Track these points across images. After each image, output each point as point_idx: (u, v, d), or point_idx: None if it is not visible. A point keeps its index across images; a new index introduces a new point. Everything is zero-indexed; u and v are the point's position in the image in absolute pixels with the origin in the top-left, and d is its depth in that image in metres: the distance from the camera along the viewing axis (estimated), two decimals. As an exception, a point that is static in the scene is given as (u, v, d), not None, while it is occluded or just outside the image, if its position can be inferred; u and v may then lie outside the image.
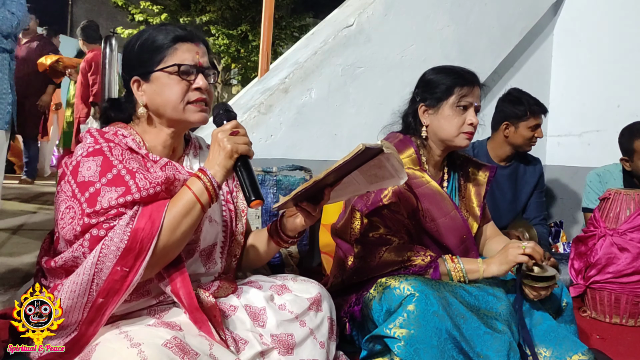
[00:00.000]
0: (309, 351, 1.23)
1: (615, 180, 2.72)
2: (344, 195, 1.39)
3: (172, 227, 1.09)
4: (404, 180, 1.31)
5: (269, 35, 3.21)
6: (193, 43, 1.24)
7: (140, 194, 1.09)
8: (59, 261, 1.12)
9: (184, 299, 1.13)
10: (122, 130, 1.23)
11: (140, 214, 1.08)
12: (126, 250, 1.05)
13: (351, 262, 1.63)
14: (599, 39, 3.48)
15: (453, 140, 1.65)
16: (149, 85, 1.23)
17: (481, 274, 1.53)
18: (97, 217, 1.08)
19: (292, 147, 2.74)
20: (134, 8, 12.12)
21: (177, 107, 1.22)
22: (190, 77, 1.22)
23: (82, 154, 1.15)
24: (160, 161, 1.23)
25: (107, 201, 1.08)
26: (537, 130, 2.55)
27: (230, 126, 1.16)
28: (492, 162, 2.61)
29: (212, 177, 1.13)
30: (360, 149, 1.13)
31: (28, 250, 2.44)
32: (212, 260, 1.32)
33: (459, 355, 1.35)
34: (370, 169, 1.28)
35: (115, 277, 1.05)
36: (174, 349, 1.03)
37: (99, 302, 1.06)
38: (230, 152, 1.12)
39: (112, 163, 1.13)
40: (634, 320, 2.17)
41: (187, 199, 1.12)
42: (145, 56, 1.23)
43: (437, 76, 1.68)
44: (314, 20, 10.88)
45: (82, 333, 1.08)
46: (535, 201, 2.75)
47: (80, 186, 1.11)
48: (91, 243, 1.08)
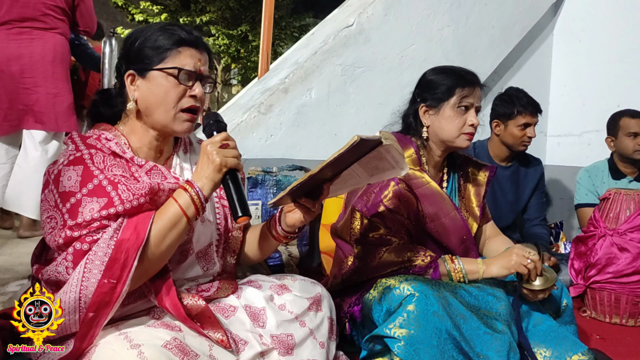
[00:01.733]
0: (309, 351, 1.23)
1: (603, 173, 2.81)
2: (345, 188, 1.36)
3: (157, 239, 1.08)
4: (405, 171, 1.27)
5: (269, 35, 3.21)
6: (197, 49, 1.22)
7: (124, 206, 1.08)
8: (45, 275, 1.11)
9: (171, 311, 1.12)
10: (105, 134, 1.21)
11: (125, 225, 1.07)
12: (111, 261, 1.03)
13: (351, 262, 1.63)
14: (599, 39, 3.48)
15: (454, 141, 1.64)
16: (144, 82, 1.21)
17: (481, 274, 1.53)
18: (79, 230, 1.06)
19: (292, 147, 2.74)
20: (134, 8, 12.13)
21: (168, 111, 1.20)
22: (189, 82, 1.20)
23: (64, 162, 1.13)
24: (145, 165, 1.21)
25: (89, 212, 1.06)
26: (527, 130, 2.52)
27: (220, 138, 1.13)
28: (493, 162, 2.61)
29: (199, 190, 1.11)
30: (355, 141, 1.10)
31: (28, 250, 2.44)
32: (211, 261, 1.31)
33: (459, 355, 1.35)
34: (369, 161, 1.24)
35: (104, 289, 1.04)
36: (173, 350, 1.03)
37: (89, 317, 1.05)
38: (220, 166, 1.11)
39: (93, 173, 1.11)
40: (634, 320, 2.17)
41: (173, 212, 1.10)
42: (146, 52, 1.21)
43: (437, 77, 1.68)
44: (314, 20, 10.89)
45: (77, 347, 1.07)
46: (536, 202, 2.75)
47: (61, 196, 1.09)
48: (75, 257, 1.06)
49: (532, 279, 1.51)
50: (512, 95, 2.57)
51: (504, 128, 2.55)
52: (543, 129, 3.70)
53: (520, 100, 2.54)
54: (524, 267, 1.49)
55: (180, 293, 1.16)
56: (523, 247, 1.56)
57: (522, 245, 1.58)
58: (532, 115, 2.53)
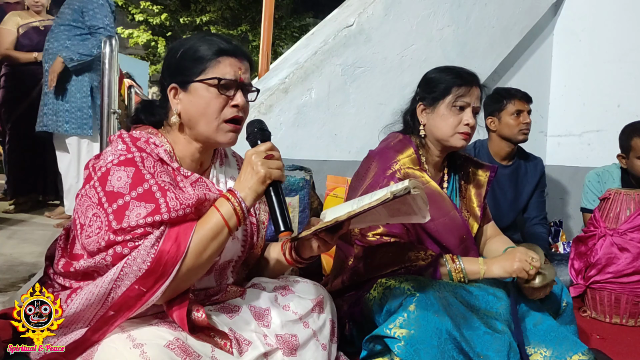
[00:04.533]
0: (311, 353, 1.23)
1: (614, 180, 2.73)
2: (362, 223, 1.37)
3: (198, 251, 1.07)
4: (426, 220, 1.27)
5: (269, 35, 3.21)
6: (237, 58, 1.21)
7: (170, 214, 1.06)
8: (79, 268, 1.11)
9: (177, 323, 1.11)
10: (154, 138, 1.20)
11: (166, 235, 1.06)
12: (148, 271, 1.04)
13: (351, 262, 1.63)
14: (599, 39, 3.48)
15: (448, 140, 1.64)
16: (186, 95, 1.20)
17: (482, 275, 1.52)
18: (123, 235, 1.05)
19: (292, 147, 2.74)
20: (134, 8, 12.12)
21: (211, 122, 1.19)
22: (230, 92, 1.19)
23: (114, 161, 1.11)
24: (191, 177, 1.20)
25: (135, 218, 1.05)
26: (521, 116, 2.53)
27: (264, 148, 1.12)
28: (494, 162, 2.61)
29: (242, 200, 1.10)
30: (388, 198, 1.09)
31: (28, 250, 2.44)
32: (225, 276, 1.31)
33: (459, 355, 1.35)
34: (393, 204, 1.23)
35: (131, 294, 1.04)
36: (176, 350, 1.03)
37: (109, 314, 1.06)
38: (264, 178, 1.09)
39: (144, 177, 1.09)
40: (634, 320, 2.17)
41: (215, 222, 1.09)
42: (186, 64, 1.20)
43: (437, 75, 1.68)
44: (314, 20, 10.88)
45: (87, 337, 1.07)
46: (537, 200, 2.75)
47: (108, 195, 1.08)
48: (114, 259, 1.06)
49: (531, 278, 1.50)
50: (499, 91, 2.63)
51: (498, 122, 2.57)
52: (543, 129, 3.70)
53: (508, 91, 2.59)
54: (525, 273, 1.48)
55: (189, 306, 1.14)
56: (526, 249, 1.54)
57: (525, 248, 1.56)
58: (523, 101, 2.55)
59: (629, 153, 2.58)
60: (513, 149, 2.63)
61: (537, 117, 3.63)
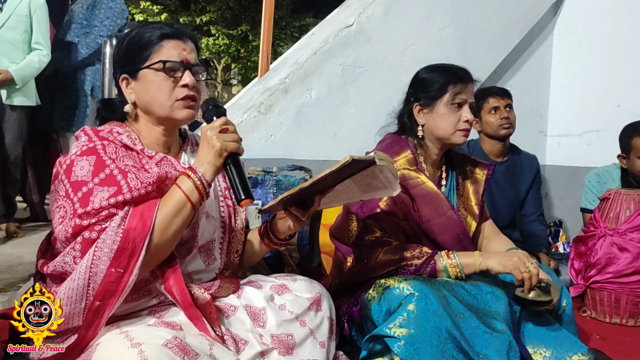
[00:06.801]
0: (309, 351, 1.23)
1: (614, 180, 2.72)
2: (338, 201, 1.39)
3: (163, 226, 1.09)
4: (396, 192, 1.31)
5: (269, 35, 3.21)
6: (180, 40, 1.24)
7: (132, 194, 1.09)
8: (50, 268, 1.12)
9: (177, 296, 1.13)
10: (117, 128, 1.23)
11: (131, 214, 1.08)
12: (119, 250, 1.05)
13: (350, 263, 1.63)
14: (599, 39, 3.48)
15: (450, 138, 1.65)
16: (136, 83, 1.23)
17: (477, 266, 1.51)
18: (88, 219, 1.08)
19: (292, 147, 2.74)
20: (134, 8, 12.12)
21: (164, 105, 1.22)
22: (177, 73, 1.21)
23: (76, 152, 1.15)
24: (155, 157, 1.23)
25: (99, 201, 1.08)
26: (498, 112, 2.54)
27: (219, 123, 1.15)
28: (489, 159, 2.61)
29: (201, 175, 1.12)
30: (347, 161, 1.12)
31: (28, 250, 2.44)
32: (212, 257, 1.32)
33: (459, 354, 1.35)
34: (363, 178, 1.27)
35: (111, 278, 1.05)
36: (174, 349, 1.03)
37: (96, 305, 1.06)
38: (220, 150, 1.12)
39: (105, 162, 1.13)
40: (634, 320, 2.17)
41: (177, 198, 1.12)
42: (132, 54, 1.23)
43: (430, 75, 1.68)
44: (314, 20, 10.88)
45: (82, 336, 1.08)
46: (534, 197, 2.74)
47: (73, 185, 1.11)
48: (83, 246, 1.07)
49: (526, 288, 1.49)
50: (477, 91, 2.61)
51: (480, 121, 2.60)
52: (543, 129, 3.69)
53: (483, 90, 2.62)
54: (520, 273, 1.48)
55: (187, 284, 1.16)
56: (529, 254, 1.54)
57: (526, 255, 1.55)
58: (497, 97, 2.56)
59: (630, 153, 2.57)
60: (504, 145, 2.64)
61: (537, 117, 3.63)
